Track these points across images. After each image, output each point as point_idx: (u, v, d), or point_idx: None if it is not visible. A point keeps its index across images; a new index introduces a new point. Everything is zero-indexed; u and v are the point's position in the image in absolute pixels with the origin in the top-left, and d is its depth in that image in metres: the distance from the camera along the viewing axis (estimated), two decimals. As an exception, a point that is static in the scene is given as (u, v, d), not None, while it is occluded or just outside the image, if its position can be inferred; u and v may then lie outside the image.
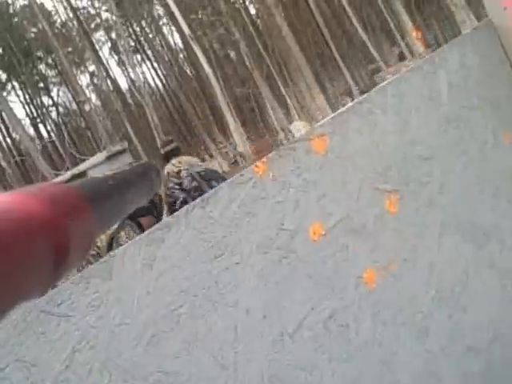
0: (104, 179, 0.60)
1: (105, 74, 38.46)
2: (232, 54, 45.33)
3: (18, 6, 38.55)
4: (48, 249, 0.38)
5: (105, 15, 40.87)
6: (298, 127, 22.31)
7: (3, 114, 34.03)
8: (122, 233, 3.02)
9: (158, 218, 3.49)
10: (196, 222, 1.57)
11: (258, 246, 1.65)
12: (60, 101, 46.89)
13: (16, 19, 39.14)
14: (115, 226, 3.09)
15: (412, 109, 1.98)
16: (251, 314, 1.61)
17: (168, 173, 5.25)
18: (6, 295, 0.34)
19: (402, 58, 32.05)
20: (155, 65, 48.44)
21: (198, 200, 1.59)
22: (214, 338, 1.55)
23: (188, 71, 44.25)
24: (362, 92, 30.40)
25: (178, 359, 1.49)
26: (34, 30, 39.43)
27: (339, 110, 1.90)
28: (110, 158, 4.24)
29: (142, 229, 3.22)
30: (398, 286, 1.88)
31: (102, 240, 3.01)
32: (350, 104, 1.91)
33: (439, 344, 1.94)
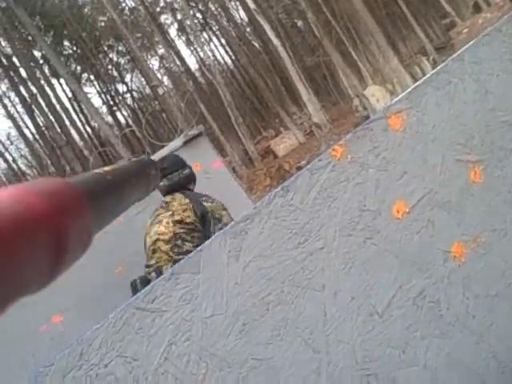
0: (103, 175, 0.60)
1: (174, 55, 38.89)
2: (299, 24, 44.47)
3: (87, -3, 39.38)
4: (46, 244, 0.38)
5: (170, -3, 40.98)
6: (373, 92, 21.74)
7: (81, 104, 35.15)
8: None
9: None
10: (277, 211, 1.59)
11: (341, 229, 1.65)
12: (134, 86, 47.87)
13: (86, 10, 39.96)
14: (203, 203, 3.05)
15: (493, 74, 1.91)
16: (339, 297, 1.62)
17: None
18: (4, 290, 0.34)
19: (477, 9, 30.32)
20: (223, 41, 48.62)
21: (278, 189, 1.61)
22: (303, 322, 1.57)
23: (256, 45, 43.85)
24: (437, 49, 29.16)
25: (270, 345, 1.53)
26: (103, 19, 40.08)
27: (415, 84, 1.85)
28: (187, 142, 4.26)
29: None
30: (489, 258, 1.84)
31: (190, 216, 2.96)
32: (426, 76, 1.86)
33: (537, 314, 1.88)
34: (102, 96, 45.22)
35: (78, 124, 39.34)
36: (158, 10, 42.39)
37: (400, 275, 1.71)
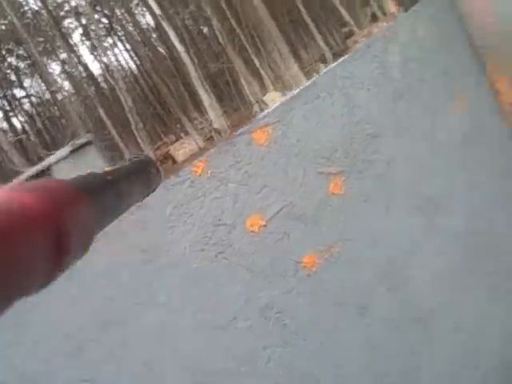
0: (103, 174, 0.61)
1: (76, 60, 37.65)
2: (205, 30, 43.89)
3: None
4: (46, 243, 0.38)
5: (74, 1, 38.35)
6: (273, 97, 22.05)
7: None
8: None
9: None
10: (127, 228, 1.53)
11: (192, 245, 1.63)
12: (33, 91, 45.33)
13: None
14: None
15: (362, 88, 1.92)
16: (183, 312, 1.63)
17: None
18: (5, 290, 0.33)
19: (374, 19, 31.52)
20: (128, 47, 47.50)
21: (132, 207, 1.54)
22: (142, 341, 1.56)
23: (162, 50, 43.61)
24: (336, 56, 29.55)
25: (105, 365, 1.51)
26: (4, 22, 36.83)
27: (283, 99, 1.82)
28: (74, 151, 3.98)
29: None
30: (340, 266, 1.90)
31: None
32: (295, 91, 1.83)
33: (380, 317, 1.97)
34: (-2, 101, 41.98)
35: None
36: (62, 14, 40.26)
37: (250, 288, 1.73)
